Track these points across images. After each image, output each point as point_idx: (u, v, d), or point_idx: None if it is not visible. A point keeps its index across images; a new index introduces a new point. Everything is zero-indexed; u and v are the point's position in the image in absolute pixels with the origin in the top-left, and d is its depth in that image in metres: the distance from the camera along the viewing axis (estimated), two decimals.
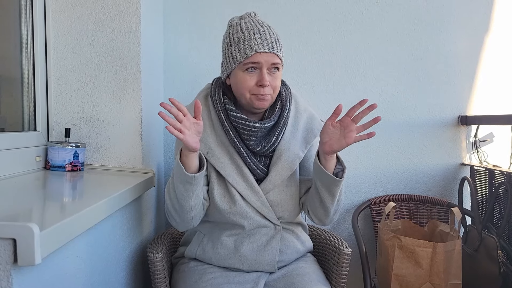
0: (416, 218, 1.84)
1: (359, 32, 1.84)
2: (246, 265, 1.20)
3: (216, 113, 1.22)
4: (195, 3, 1.79)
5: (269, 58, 1.12)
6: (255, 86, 1.13)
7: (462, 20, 1.86)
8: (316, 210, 1.21)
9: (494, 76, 1.89)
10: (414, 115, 1.87)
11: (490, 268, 1.53)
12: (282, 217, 1.23)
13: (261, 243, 1.20)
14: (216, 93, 1.22)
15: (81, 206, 0.85)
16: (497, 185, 1.63)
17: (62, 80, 1.42)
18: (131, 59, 1.41)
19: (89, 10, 1.40)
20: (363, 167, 1.88)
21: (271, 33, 1.15)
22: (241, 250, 1.19)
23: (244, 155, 1.18)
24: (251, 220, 1.19)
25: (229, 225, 1.21)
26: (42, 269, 0.74)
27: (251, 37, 1.12)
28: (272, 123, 1.18)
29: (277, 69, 1.16)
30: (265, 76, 1.12)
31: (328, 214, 1.20)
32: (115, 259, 1.16)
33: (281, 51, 1.16)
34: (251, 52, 1.11)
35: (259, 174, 1.21)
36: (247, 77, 1.14)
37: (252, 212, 1.19)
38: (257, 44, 1.11)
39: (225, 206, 1.18)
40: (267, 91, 1.14)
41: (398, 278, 1.51)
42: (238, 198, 1.18)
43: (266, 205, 1.20)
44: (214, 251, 1.22)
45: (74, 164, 1.32)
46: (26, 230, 0.63)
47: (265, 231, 1.21)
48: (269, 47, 1.12)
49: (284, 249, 1.23)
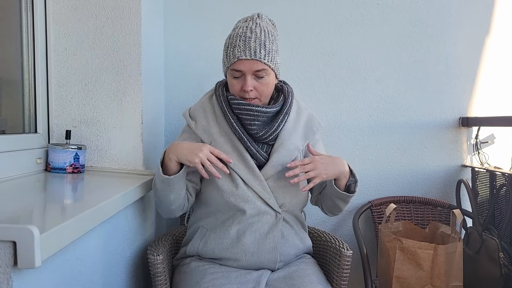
0: (417, 220, 1.83)
1: (359, 34, 1.84)
2: (248, 254, 1.21)
3: (219, 105, 1.27)
4: (195, 5, 1.79)
5: (251, 66, 1.18)
6: (241, 90, 1.21)
7: (463, 21, 1.86)
8: (330, 209, 1.34)
9: (495, 77, 1.89)
10: (414, 116, 1.87)
11: (491, 270, 1.52)
12: (283, 204, 1.25)
13: (262, 231, 1.22)
14: (220, 89, 1.29)
15: (82, 208, 0.85)
16: (498, 187, 1.63)
17: (63, 82, 1.42)
18: (132, 61, 1.41)
19: (90, 12, 1.41)
20: (364, 168, 1.87)
21: (258, 39, 1.18)
22: (243, 239, 1.21)
23: (245, 140, 1.23)
24: (252, 205, 1.21)
25: (231, 213, 1.23)
26: (42, 272, 0.74)
27: (236, 44, 1.18)
28: (274, 109, 1.24)
29: (263, 74, 1.20)
30: (247, 82, 1.19)
31: (340, 210, 1.32)
32: (116, 262, 1.16)
33: (266, 57, 1.18)
34: (234, 59, 1.18)
35: (260, 159, 1.25)
36: (234, 82, 1.23)
37: (254, 196, 1.22)
38: (240, 52, 1.17)
39: (227, 189, 1.21)
40: (252, 95, 1.21)
41: (399, 280, 1.51)
42: (240, 183, 1.22)
43: (267, 190, 1.23)
44: (216, 242, 1.23)
45: (75, 166, 1.32)
46: (26, 232, 0.63)
47: (266, 219, 1.23)
48: (251, 54, 1.17)
49: (282, 243, 1.25)
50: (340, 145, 1.86)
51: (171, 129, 1.81)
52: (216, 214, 1.27)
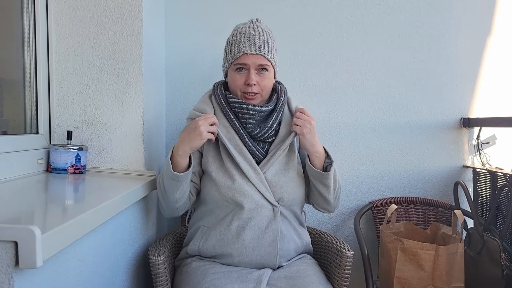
0: (419, 220, 1.83)
1: (360, 35, 1.84)
2: (249, 249, 1.22)
3: (218, 104, 1.33)
4: (196, 6, 1.80)
5: (256, 60, 1.24)
6: (244, 85, 1.26)
7: (464, 22, 1.85)
8: (318, 200, 1.34)
9: (496, 78, 1.89)
10: (416, 117, 1.87)
11: (493, 270, 1.52)
12: (281, 198, 1.26)
13: (261, 225, 1.23)
14: (218, 88, 1.35)
15: (83, 208, 0.85)
16: (499, 188, 1.62)
17: (64, 83, 1.43)
18: (133, 62, 1.41)
19: (91, 13, 1.41)
20: (365, 169, 1.87)
21: (262, 37, 1.26)
22: (243, 234, 1.22)
23: (244, 136, 1.28)
24: (249, 198, 1.23)
25: (230, 208, 1.25)
26: (43, 272, 0.74)
27: (241, 40, 1.25)
28: (268, 108, 1.29)
29: (266, 70, 1.27)
30: (251, 76, 1.24)
31: (328, 202, 1.33)
32: (117, 262, 1.16)
33: (269, 53, 1.26)
34: (239, 54, 1.25)
35: (258, 156, 1.29)
36: (237, 76, 1.27)
37: (251, 190, 1.24)
38: (245, 46, 1.24)
39: (224, 183, 1.24)
40: (255, 89, 1.26)
41: (401, 280, 1.51)
42: (237, 177, 1.24)
43: (264, 183, 1.25)
44: (217, 238, 1.25)
45: (76, 167, 1.33)
46: (27, 232, 0.63)
47: (265, 213, 1.24)
48: (256, 49, 1.24)
49: (281, 237, 1.25)
50: (341, 145, 1.86)
51: (172, 129, 1.81)
52: (215, 211, 1.28)
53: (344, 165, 1.87)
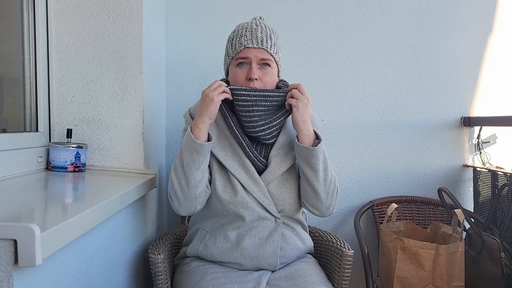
0: (419, 219, 1.83)
1: (361, 33, 1.83)
2: (248, 259, 1.21)
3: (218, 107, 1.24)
4: (197, 4, 1.79)
5: (257, 54, 1.19)
6: (245, 80, 1.20)
7: (465, 20, 1.85)
8: (308, 195, 1.22)
9: (497, 77, 1.88)
10: (416, 116, 1.87)
11: (493, 270, 1.52)
12: (283, 210, 1.24)
13: (262, 236, 1.21)
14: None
15: (83, 207, 0.85)
16: (500, 187, 1.62)
17: (64, 81, 1.42)
18: (133, 60, 1.41)
19: (91, 11, 1.41)
20: (365, 168, 1.87)
21: (264, 31, 1.21)
22: (242, 243, 1.20)
23: (245, 145, 1.21)
24: (251, 211, 1.20)
25: (230, 218, 1.23)
26: (43, 270, 0.74)
27: (242, 34, 1.21)
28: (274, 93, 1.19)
29: (268, 65, 1.21)
30: (253, 70, 1.19)
31: (318, 196, 1.20)
32: (117, 260, 1.16)
33: (272, 48, 1.21)
34: (240, 47, 1.20)
35: (259, 166, 1.23)
36: (238, 71, 1.21)
37: (253, 203, 1.20)
38: (247, 40, 1.20)
39: (226, 196, 1.20)
40: (257, 84, 1.19)
41: (401, 280, 1.50)
42: (240, 189, 1.20)
43: (266, 196, 1.21)
44: (216, 246, 1.23)
45: (76, 165, 1.32)
46: (27, 231, 0.63)
47: (266, 224, 1.22)
48: (258, 43, 1.19)
49: (284, 246, 1.24)
50: (341, 144, 1.86)
51: (172, 128, 1.81)
52: (216, 217, 1.26)
53: (344, 164, 1.86)
